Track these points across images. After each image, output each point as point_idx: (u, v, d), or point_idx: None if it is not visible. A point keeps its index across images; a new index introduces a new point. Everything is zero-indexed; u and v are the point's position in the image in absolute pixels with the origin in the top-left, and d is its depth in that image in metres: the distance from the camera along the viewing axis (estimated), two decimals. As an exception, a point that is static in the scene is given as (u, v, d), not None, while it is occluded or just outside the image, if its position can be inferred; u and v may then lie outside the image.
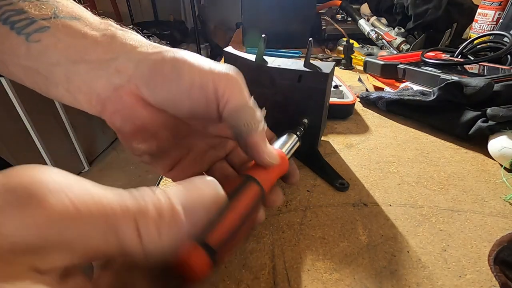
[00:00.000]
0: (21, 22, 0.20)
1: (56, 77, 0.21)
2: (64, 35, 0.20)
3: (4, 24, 0.20)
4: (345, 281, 0.23)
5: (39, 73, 0.21)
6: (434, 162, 0.37)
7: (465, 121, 0.39)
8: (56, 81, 0.21)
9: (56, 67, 0.21)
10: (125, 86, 0.21)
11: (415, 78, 0.52)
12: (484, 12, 0.68)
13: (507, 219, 0.28)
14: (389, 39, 0.74)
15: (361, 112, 0.50)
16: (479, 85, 0.38)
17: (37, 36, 0.20)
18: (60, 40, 0.20)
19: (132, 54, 0.21)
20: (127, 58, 0.21)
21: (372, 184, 0.33)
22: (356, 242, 0.26)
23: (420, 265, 0.24)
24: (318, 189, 0.32)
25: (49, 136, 1.56)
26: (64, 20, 0.21)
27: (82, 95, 0.21)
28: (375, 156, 0.38)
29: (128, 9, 2.57)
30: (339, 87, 0.49)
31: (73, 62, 0.20)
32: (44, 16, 0.20)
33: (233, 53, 0.37)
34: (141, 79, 0.21)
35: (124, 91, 0.21)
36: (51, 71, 0.21)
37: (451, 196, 0.31)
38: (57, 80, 0.21)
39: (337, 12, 0.97)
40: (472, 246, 0.26)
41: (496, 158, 0.36)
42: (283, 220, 0.28)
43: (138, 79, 0.21)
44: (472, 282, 0.23)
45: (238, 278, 0.23)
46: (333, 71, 0.35)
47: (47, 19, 0.20)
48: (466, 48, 0.59)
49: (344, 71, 0.70)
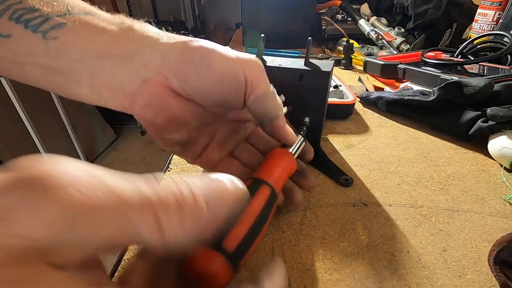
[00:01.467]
0: (35, 20, 0.20)
1: (78, 75, 0.21)
2: (83, 31, 0.20)
3: (16, 23, 0.19)
4: (345, 281, 0.23)
5: (59, 71, 0.20)
6: (434, 162, 0.37)
7: (465, 121, 0.39)
8: (78, 78, 0.21)
9: (78, 63, 0.20)
10: (153, 78, 0.21)
11: (415, 78, 0.52)
12: (484, 12, 0.68)
13: (507, 219, 0.28)
14: (389, 39, 0.74)
15: (361, 112, 0.50)
16: (479, 85, 0.37)
17: (54, 33, 0.20)
18: (79, 36, 0.20)
19: (156, 46, 0.21)
20: (151, 50, 0.21)
21: (372, 184, 0.33)
22: (356, 242, 0.26)
23: (420, 265, 0.24)
24: (318, 189, 0.32)
25: (49, 136, 1.56)
26: (79, 16, 0.21)
27: (108, 91, 0.21)
28: (375, 156, 0.38)
29: (128, 9, 2.57)
30: (339, 87, 0.49)
31: (96, 58, 0.20)
32: (58, 13, 0.20)
33: None
34: (169, 70, 0.21)
35: (153, 83, 0.21)
36: (72, 68, 0.20)
37: (451, 196, 0.31)
38: (79, 78, 0.21)
39: (337, 12, 0.97)
40: (472, 246, 0.26)
41: (496, 158, 0.36)
42: (283, 220, 0.28)
43: (166, 70, 0.21)
44: (472, 282, 0.23)
45: (238, 278, 0.23)
46: (332, 69, 0.35)
47: (61, 16, 0.20)
48: (466, 48, 0.59)
49: (344, 71, 0.70)
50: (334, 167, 0.35)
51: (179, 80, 0.21)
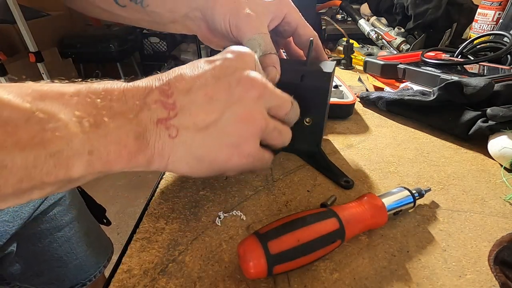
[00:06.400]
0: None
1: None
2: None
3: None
4: (345, 281, 0.23)
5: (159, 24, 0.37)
6: (434, 162, 0.37)
7: (465, 121, 0.39)
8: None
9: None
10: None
11: (415, 78, 0.52)
12: (484, 12, 0.68)
13: (507, 219, 0.28)
14: (389, 39, 0.74)
15: (361, 112, 0.50)
16: (479, 85, 0.37)
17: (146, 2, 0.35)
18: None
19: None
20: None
21: (372, 184, 0.33)
22: (356, 242, 0.26)
23: (420, 265, 0.24)
24: (318, 189, 0.32)
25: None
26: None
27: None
28: (375, 156, 0.38)
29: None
30: (339, 87, 0.49)
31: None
32: None
33: None
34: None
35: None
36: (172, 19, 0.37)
37: (451, 196, 0.31)
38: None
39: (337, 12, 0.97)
40: (472, 246, 0.26)
41: (496, 158, 0.36)
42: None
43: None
44: (472, 282, 0.23)
45: (239, 278, 0.23)
46: (334, 70, 0.35)
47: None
48: (466, 48, 0.59)
49: (344, 71, 0.70)
50: (335, 169, 0.35)
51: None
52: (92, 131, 0.18)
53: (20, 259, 0.48)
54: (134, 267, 0.24)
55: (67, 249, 0.52)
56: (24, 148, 0.15)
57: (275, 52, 0.31)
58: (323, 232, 0.22)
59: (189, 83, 0.21)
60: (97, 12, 0.38)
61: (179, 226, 0.28)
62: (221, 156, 0.22)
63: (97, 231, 0.61)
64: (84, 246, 0.55)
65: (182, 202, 0.31)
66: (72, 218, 0.52)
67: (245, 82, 0.22)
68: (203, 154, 0.22)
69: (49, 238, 0.50)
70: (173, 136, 0.21)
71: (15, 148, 0.15)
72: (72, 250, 0.53)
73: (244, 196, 0.31)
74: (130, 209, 1.59)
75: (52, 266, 0.51)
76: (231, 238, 0.27)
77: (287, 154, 0.38)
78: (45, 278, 0.51)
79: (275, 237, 0.21)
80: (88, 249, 0.56)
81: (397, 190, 0.28)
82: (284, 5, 0.34)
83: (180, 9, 0.34)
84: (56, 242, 0.51)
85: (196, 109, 0.21)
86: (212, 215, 0.29)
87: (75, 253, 0.53)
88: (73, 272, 0.54)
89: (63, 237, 0.51)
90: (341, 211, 0.24)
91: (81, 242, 0.54)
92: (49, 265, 0.51)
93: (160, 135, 0.20)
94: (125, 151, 0.19)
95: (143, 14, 0.35)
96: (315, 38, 0.35)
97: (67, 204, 0.52)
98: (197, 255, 0.25)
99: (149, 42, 2.56)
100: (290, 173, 0.35)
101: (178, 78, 0.21)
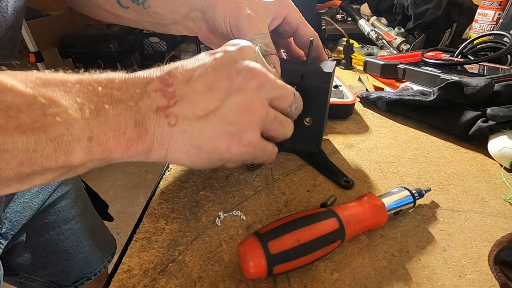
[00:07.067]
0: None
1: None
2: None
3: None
4: (345, 281, 0.23)
5: (160, 25, 0.38)
6: (434, 162, 0.37)
7: (465, 121, 0.39)
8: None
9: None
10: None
11: (415, 78, 0.52)
12: (484, 12, 0.68)
13: (507, 219, 0.28)
14: (389, 39, 0.74)
15: (361, 112, 0.50)
16: (479, 85, 0.37)
17: (147, 3, 0.35)
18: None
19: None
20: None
21: (372, 184, 0.33)
22: (356, 242, 0.26)
23: (420, 265, 0.24)
24: (318, 189, 0.32)
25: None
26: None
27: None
28: (375, 156, 0.38)
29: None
30: (339, 87, 0.49)
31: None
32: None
33: None
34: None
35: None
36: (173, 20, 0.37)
37: (451, 196, 0.31)
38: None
39: (337, 12, 0.97)
40: (472, 246, 0.26)
41: (496, 158, 0.36)
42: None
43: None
44: (472, 282, 0.23)
45: (239, 278, 0.23)
46: (334, 70, 0.35)
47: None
48: (466, 48, 0.59)
49: (344, 71, 0.70)
50: (335, 169, 0.35)
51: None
52: (92, 117, 0.18)
53: (29, 249, 0.49)
54: (134, 267, 0.24)
55: (74, 242, 0.53)
56: (25, 132, 0.16)
57: (275, 53, 0.31)
58: (323, 232, 0.22)
59: (189, 72, 0.22)
60: (102, 14, 0.38)
61: (179, 226, 0.28)
62: (220, 145, 0.22)
63: (101, 226, 0.62)
64: (89, 240, 0.56)
65: (182, 202, 0.31)
66: (78, 212, 0.53)
67: (246, 72, 0.22)
68: (203, 142, 0.22)
69: (56, 230, 0.51)
70: (173, 124, 0.21)
71: (16, 132, 0.16)
72: (78, 243, 0.54)
73: (244, 196, 0.31)
74: (130, 209, 1.59)
75: (59, 258, 0.52)
76: (231, 238, 0.27)
77: (287, 154, 0.38)
78: (52, 270, 0.52)
79: (275, 237, 0.21)
80: (93, 243, 0.56)
81: (397, 190, 0.28)
82: (284, 5, 0.34)
83: (181, 10, 0.34)
84: (63, 235, 0.51)
85: (195, 98, 0.21)
86: (212, 215, 0.29)
87: (81, 246, 0.54)
88: (79, 265, 0.55)
89: (70, 230, 0.52)
90: (341, 211, 0.24)
91: (87, 236, 0.55)
92: (56, 257, 0.52)
93: (160, 123, 0.20)
94: (124, 137, 0.19)
95: (145, 15, 0.36)
96: (316, 38, 0.35)
97: (73, 198, 0.53)
98: (197, 255, 0.25)
99: (149, 42, 2.56)
100: (290, 173, 0.35)
101: (178, 68, 0.22)
